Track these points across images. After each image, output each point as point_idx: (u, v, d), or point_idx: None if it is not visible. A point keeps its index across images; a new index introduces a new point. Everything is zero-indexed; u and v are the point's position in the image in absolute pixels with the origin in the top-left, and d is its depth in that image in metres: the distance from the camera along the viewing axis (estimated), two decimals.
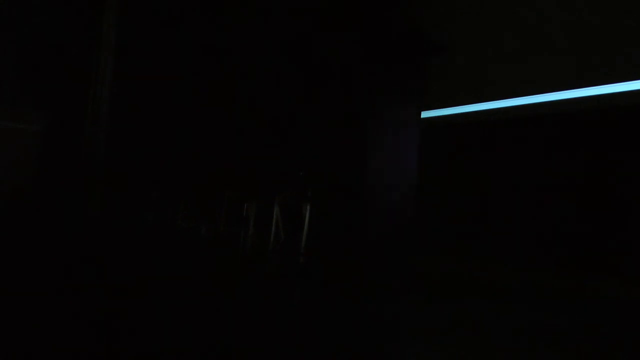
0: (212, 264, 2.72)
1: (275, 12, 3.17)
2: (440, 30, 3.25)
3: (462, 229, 3.02)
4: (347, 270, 2.82)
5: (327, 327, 1.74)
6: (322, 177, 3.22)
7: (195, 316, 1.79)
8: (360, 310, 2.07)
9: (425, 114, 3.30)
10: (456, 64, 3.12)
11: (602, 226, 2.40)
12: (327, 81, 3.38)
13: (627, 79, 2.38)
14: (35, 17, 3.03)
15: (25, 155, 3.09)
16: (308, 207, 3.02)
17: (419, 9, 3.28)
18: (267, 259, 2.90)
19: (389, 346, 1.52)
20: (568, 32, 2.59)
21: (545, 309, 2.01)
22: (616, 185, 2.41)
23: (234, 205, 3.07)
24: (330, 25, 3.25)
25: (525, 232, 2.63)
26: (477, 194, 2.97)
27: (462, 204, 3.12)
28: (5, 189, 3.01)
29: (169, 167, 3.10)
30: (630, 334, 1.59)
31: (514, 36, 2.85)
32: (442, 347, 1.47)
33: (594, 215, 2.43)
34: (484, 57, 3.00)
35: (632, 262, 2.13)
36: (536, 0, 2.78)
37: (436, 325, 1.76)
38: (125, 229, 2.80)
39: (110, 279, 2.23)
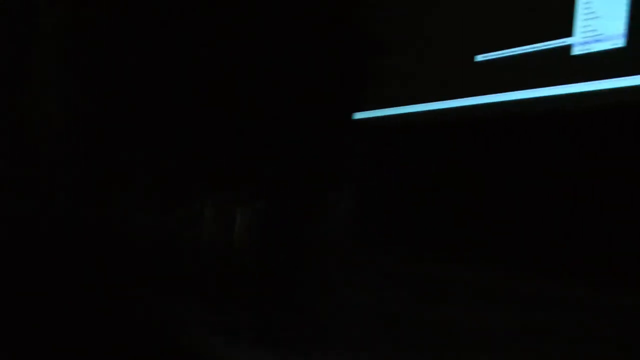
0: (151, 268, 2.69)
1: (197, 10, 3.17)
2: (380, 30, 3.31)
3: (409, 232, 3.07)
4: (287, 272, 2.84)
5: (277, 331, 1.75)
6: (259, 178, 3.23)
7: (137, 319, 1.78)
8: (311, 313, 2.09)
9: (364, 115, 3.36)
10: (396, 64, 3.18)
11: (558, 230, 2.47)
12: (261, 80, 3.39)
13: (578, 80, 2.48)
14: None
15: None
16: (244, 209, 3.00)
17: (357, 8, 3.34)
18: (202, 261, 2.89)
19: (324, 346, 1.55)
20: (510, 29, 2.67)
21: (527, 313, 2.00)
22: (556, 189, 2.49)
23: (172, 206, 3.05)
24: (263, 23, 3.27)
25: (490, 234, 2.69)
26: (417, 196, 3.03)
27: (398, 206, 3.18)
28: None
29: (109, 165, 3.06)
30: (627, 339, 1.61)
31: (455, 36, 2.93)
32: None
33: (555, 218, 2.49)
34: (423, 57, 3.07)
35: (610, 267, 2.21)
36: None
37: (396, 327, 1.79)
38: (70, 227, 2.76)
39: (50, 279, 2.19)
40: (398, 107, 3.08)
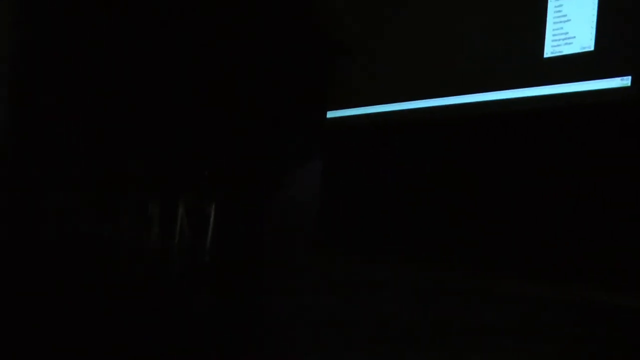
0: (116, 267, 2.58)
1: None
2: (346, 30, 3.28)
3: (373, 233, 3.03)
4: (253, 271, 2.76)
5: (236, 331, 1.66)
6: (227, 177, 3.15)
7: (102, 321, 1.66)
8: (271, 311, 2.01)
9: (334, 114, 3.31)
10: (363, 64, 3.15)
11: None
12: (231, 81, 3.33)
13: (549, 82, 2.48)
14: None
15: None
16: (214, 207, 2.94)
17: (322, 9, 3.30)
18: (172, 260, 2.80)
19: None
20: (482, 32, 2.67)
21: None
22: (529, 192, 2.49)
23: (137, 205, 2.93)
24: (233, 25, 3.22)
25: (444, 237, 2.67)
26: (386, 196, 3.00)
27: (366, 207, 3.15)
28: None
29: (68, 165, 2.92)
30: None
31: (424, 36, 2.91)
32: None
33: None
34: (391, 57, 3.05)
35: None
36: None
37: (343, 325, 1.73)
38: (18, 234, 2.60)
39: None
40: (366, 107, 3.06)
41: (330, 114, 3.27)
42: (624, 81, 2.23)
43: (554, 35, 2.45)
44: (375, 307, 2.01)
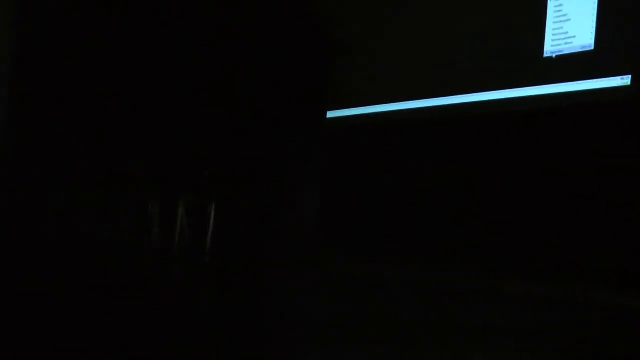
0: (116, 267, 2.57)
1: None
2: (346, 30, 3.27)
3: (373, 233, 3.02)
4: (253, 271, 2.75)
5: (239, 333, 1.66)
6: (227, 177, 3.15)
7: (102, 321, 1.66)
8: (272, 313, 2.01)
9: (334, 114, 3.30)
10: (363, 64, 3.14)
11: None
12: (231, 81, 3.32)
13: (549, 82, 2.47)
14: None
15: None
16: (214, 207, 2.93)
17: (322, 9, 3.29)
18: (172, 259, 2.78)
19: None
20: (482, 32, 2.66)
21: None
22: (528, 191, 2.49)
23: (137, 205, 2.92)
24: (232, 25, 3.21)
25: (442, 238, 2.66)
26: (386, 196, 2.99)
27: (367, 207, 3.14)
28: None
29: (68, 165, 2.90)
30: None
31: (424, 36, 2.91)
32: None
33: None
34: (391, 57, 3.04)
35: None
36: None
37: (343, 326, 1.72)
38: (16, 235, 2.59)
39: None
40: (367, 107, 3.05)
41: (330, 114, 3.27)
42: (624, 80, 2.23)
43: (553, 34, 2.45)
44: (376, 307, 2.00)
